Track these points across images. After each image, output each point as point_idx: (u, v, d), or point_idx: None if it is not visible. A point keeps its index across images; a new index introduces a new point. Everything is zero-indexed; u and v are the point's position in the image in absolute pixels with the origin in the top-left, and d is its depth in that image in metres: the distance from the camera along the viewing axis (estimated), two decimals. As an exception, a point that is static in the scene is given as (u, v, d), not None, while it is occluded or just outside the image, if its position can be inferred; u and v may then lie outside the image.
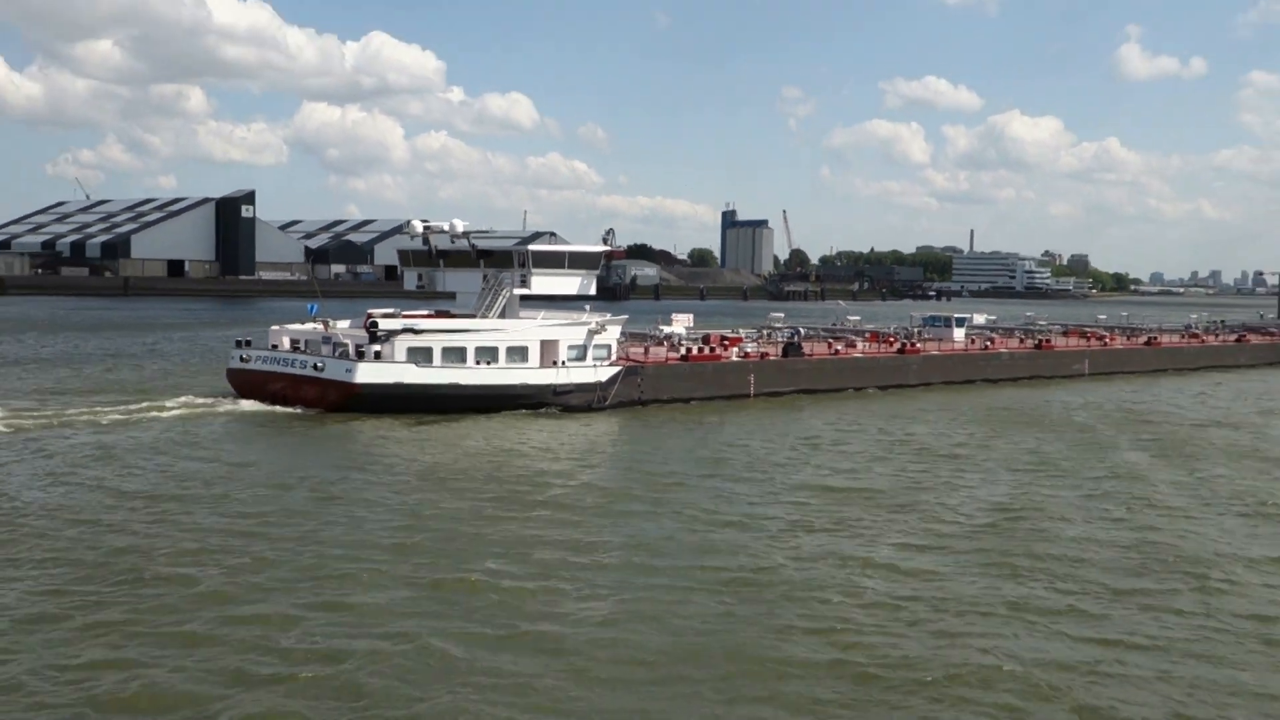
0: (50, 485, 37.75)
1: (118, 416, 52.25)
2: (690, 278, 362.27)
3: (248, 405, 57.20)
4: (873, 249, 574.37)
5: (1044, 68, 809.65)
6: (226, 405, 57.05)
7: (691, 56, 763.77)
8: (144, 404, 56.01)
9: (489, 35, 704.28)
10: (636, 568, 29.35)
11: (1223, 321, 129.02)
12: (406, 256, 71.74)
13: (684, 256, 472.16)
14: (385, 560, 29.45)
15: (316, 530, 32.36)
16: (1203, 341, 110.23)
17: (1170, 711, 21.12)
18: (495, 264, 65.27)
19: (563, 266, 65.67)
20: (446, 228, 66.91)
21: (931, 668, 22.68)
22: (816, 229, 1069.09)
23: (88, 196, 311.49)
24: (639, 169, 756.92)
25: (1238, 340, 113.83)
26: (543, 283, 64.60)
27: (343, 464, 43.36)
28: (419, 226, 68.65)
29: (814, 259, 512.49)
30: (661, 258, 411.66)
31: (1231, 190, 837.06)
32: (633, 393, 63.00)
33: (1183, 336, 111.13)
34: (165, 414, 53.72)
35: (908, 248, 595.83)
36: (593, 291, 67.19)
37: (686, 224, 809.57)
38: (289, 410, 56.12)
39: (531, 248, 65.52)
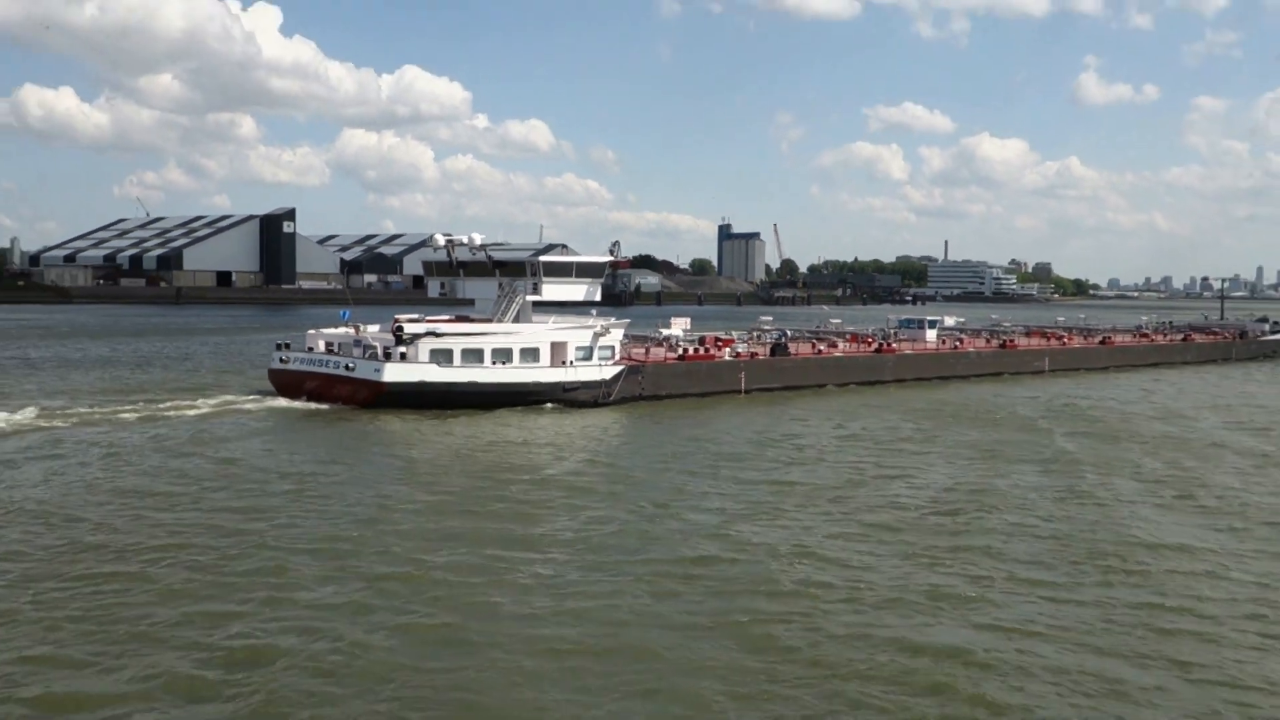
0: (90, 475, 37.91)
1: (158, 412, 52.52)
2: (689, 285, 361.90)
3: (282, 402, 57.36)
4: (856, 258, 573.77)
5: (1011, 94, 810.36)
6: (265, 402, 57.28)
7: (692, 85, 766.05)
8: (191, 400, 56.26)
9: (510, 68, 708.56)
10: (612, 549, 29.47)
11: (1170, 322, 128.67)
12: (430, 267, 71.84)
13: (686, 266, 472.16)
14: (398, 543, 29.63)
15: (334, 507, 32.59)
16: (1152, 340, 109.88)
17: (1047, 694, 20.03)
18: (509, 273, 65.36)
19: (570, 275, 65.72)
20: (466, 241, 67.08)
21: (841, 652, 21.73)
22: (806, 241, 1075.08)
23: (147, 214, 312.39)
24: (645, 187, 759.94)
25: (1184, 339, 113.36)
26: (552, 290, 64.70)
27: (371, 452, 43.60)
28: (441, 240, 68.72)
29: (803, 267, 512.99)
30: (664, 267, 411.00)
31: (1181, 204, 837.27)
32: (634, 389, 63.02)
33: (1134, 336, 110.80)
34: (201, 410, 53.89)
35: (888, 257, 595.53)
36: (598, 298, 67.23)
37: (689, 237, 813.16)
38: (323, 406, 56.28)
39: (542, 258, 65.53)
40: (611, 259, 71.73)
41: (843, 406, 63.33)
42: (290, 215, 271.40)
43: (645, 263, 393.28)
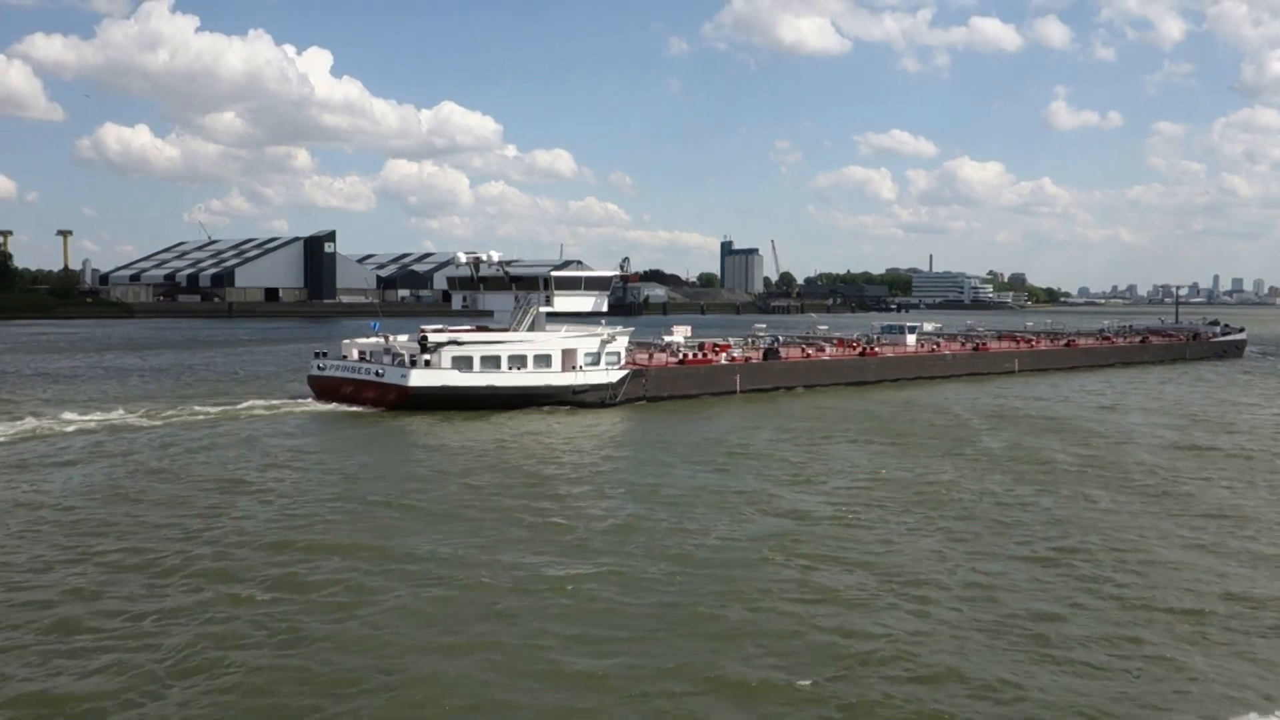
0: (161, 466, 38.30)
1: (207, 415, 52.96)
2: (694, 296, 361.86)
3: (320, 405, 57.74)
4: (848, 271, 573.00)
5: (988, 121, 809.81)
6: (304, 405, 57.66)
7: (700, 116, 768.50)
8: (235, 402, 56.70)
9: (536, 103, 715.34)
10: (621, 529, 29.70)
11: (1130, 326, 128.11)
12: (454, 282, 72.07)
13: (693, 279, 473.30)
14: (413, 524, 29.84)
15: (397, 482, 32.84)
16: (1113, 343, 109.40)
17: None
18: (524, 287, 65.56)
19: (580, 288, 65.90)
20: (485, 258, 67.37)
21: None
22: (804, 255, 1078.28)
23: (209, 238, 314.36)
24: (659, 208, 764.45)
25: (1142, 341, 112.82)
26: (563, 302, 64.87)
27: (404, 447, 43.88)
28: (464, 258, 69.00)
29: (800, 279, 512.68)
30: (671, 280, 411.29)
31: (1143, 219, 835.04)
32: (638, 391, 63.12)
33: (1096, 339, 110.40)
34: (246, 411, 54.33)
35: (878, 269, 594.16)
36: (605, 308, 67.35)
37: (698, 253, 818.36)
38: (356, 409, 56.57)
39: (554, 273, 65.74)
40: (621, 273, 71.89)
41: (819, 406, 63.35)
42: (331, 237, 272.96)
43: (654, 276, 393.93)
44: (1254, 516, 32.65)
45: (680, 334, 77.33)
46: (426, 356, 57.21)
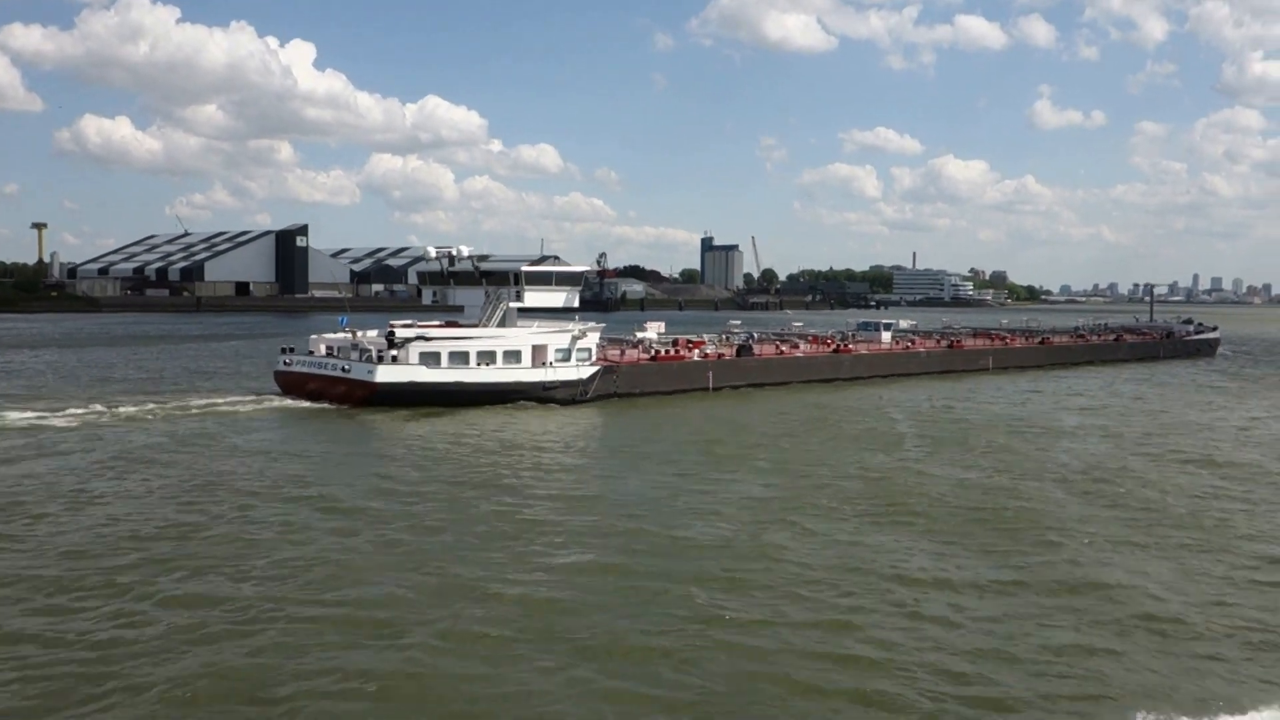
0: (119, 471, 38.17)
1: (172, 410, 52.74)
2: (672, 292, 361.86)
3: (286, 401, 57.58)
4: (831, 267, 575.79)
5: (973, 119, 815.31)
6: (270, 401, 57.51)
7: (685, 112, 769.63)
8: (201, 398, 56.43)
9: (522, 98, 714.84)
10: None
11: (1105, 324, 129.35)
12: (424, 277, 72.03)
13: (676, 275, 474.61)
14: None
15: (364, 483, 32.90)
16: (1087, 340, 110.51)
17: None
18: (494, 282, 65.54)
19: (551, 284, 65.92)
20: (456, 252, 67.36)
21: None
22: (788, 252, 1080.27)
23: (184, 230, 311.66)
24: (645, 204, 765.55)
25: (1115, 340, 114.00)
26: (534, 297, 64.88)
27: (366, 447, 43.90)
28: (434, 252, 69.01)
29: (784, 276, 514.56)
30: (651, 276, 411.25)
31: (1126, 218, 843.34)
32: (610, 387, 63.30)
33: (1071, 337, 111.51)
34: (211, 407, 54.15)
35: (862, 266, 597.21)
36: (576, 304, 67.47)
37: (684, 249, 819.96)
38: (323, 406, 56.38)
39: (524, 268, 65.65)
40: (599, 269, 72.18)
41: (782, 403, 63.82)
42: (303, 231, 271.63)
43: (633, 272, 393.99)
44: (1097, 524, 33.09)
45: (654, 330, 77.63)
46: (394, 352, 57.17)
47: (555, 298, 66.25)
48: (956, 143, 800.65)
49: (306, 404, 56.89)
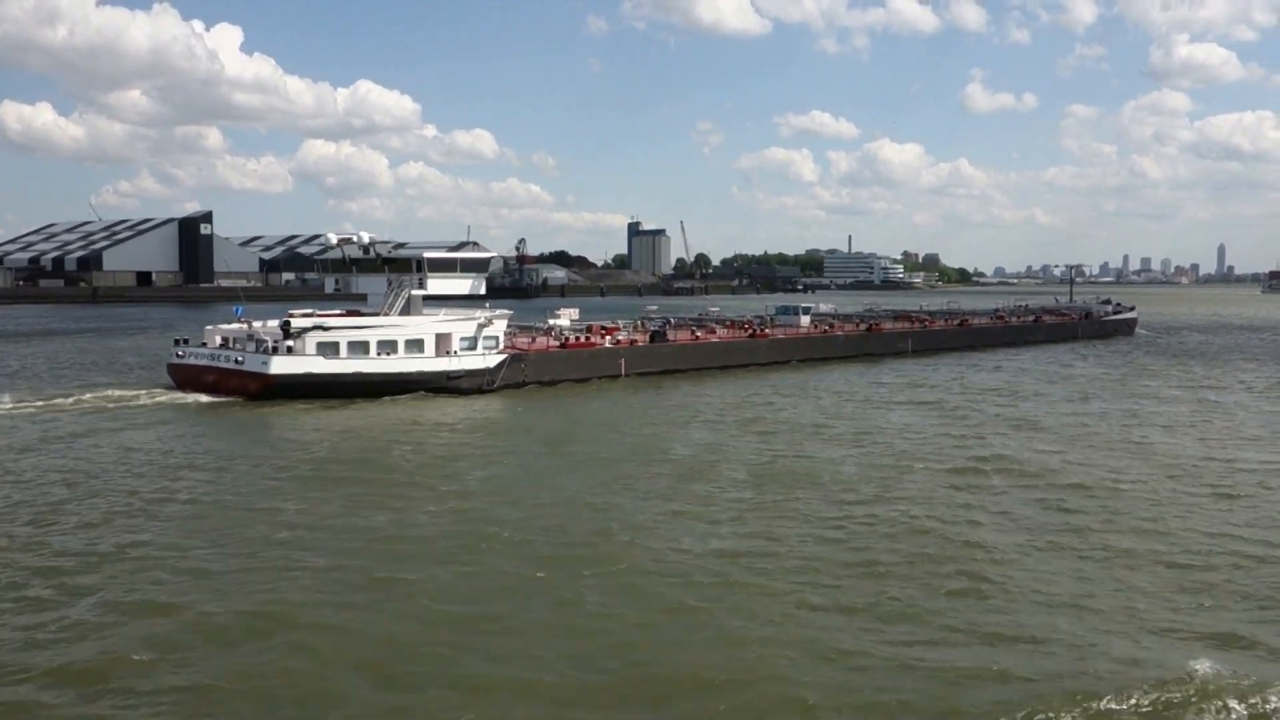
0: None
1: (57, 407, 51.75)
2: (596, 278, 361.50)
3: (179, 395, 56.82)
4: (765, 252, 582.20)
5: (907, 103, 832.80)
6: (162, 396, 56.68)
7: (621, 96, 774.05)
8: (87, 393, 55.40)
9: (456, 82, 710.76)
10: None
11: (1025, 305, 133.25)
12: (326, 265, 71.51)
13: (610, 261, 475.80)
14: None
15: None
16: (1006, 322, 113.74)
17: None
18: (397, 269, 65.35)
19: (455, 271, 65.89)
20: (356, 238, 67.06)
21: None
22: (727, 237, 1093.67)
23: (100, 219, 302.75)
24: (583, 189, 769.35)
25: (1034, 321, 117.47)
26: (438, 284, 64.80)
27: (253, 441, 43.68)
28: (334, 239, 68.69)
29: (717, 261, 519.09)
30: (578, 262, 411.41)
31: (1058, 200, 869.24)
32: (517, 376, 63.60)
33: (991, 319, 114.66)
34: (104, 405, 53.25)
35: (799, 250, 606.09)
36: (483, 291, 67.50)
37: (620, 234, 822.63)
38: (219, 399, 55.72)
39: (426, 254, 65.52)
40: (518, 255, 72.41)
41: (688, 393, 64.87)
42: (207, 218, 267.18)
43: (558, 258, 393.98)
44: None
45: (566, 317, 78.32)
46: (289, 343, 56.79)
47: (461, 285, 66.29)
48: (891, 126, 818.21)
49: (202, 398, 56.19)
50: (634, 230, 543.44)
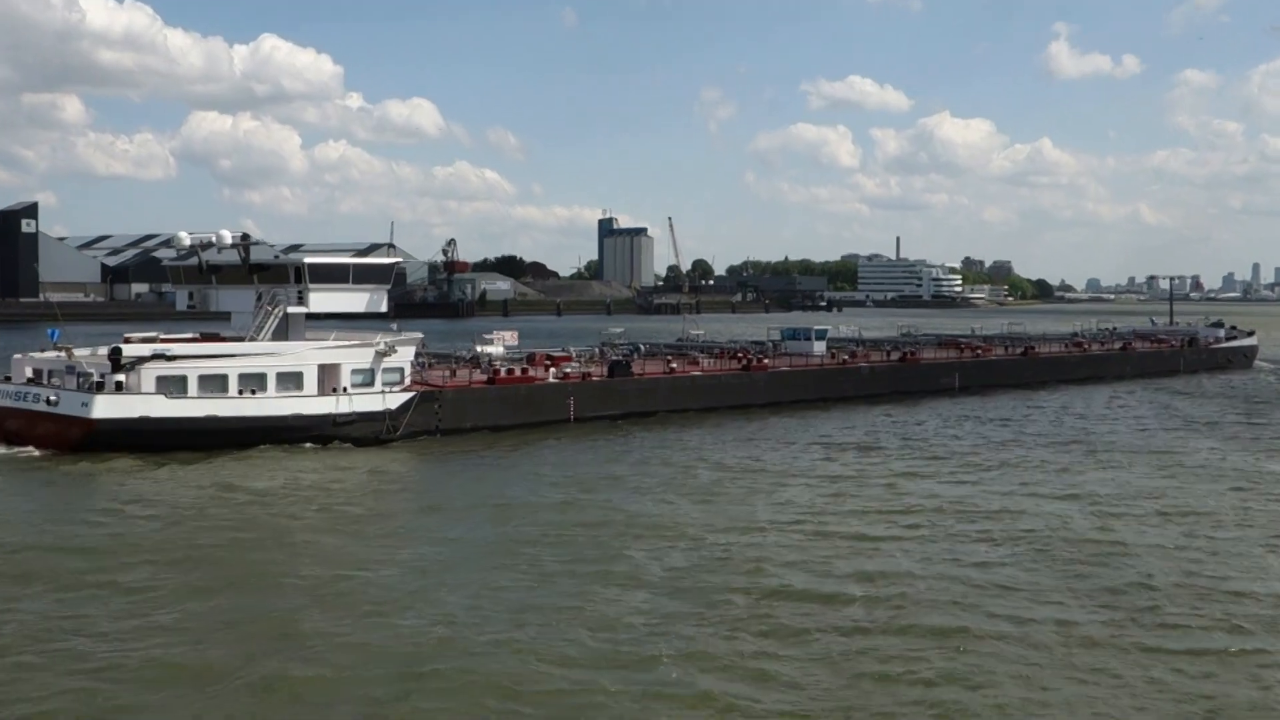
0: None
1: None
2: (550, 291, 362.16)
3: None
4: (787, 258, 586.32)
5: (972, 67, 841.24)
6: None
7: (604, 57, 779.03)
8: None
9: (389, 37, 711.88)
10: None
11: (1113, 329, 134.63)
12: (177, 273, 71.61)
13: (583, 269, 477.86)
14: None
15: None
16: (1085, 351, 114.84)
17: None
18: (270, 280, 65.39)
19: (346, 281, 66.06)
20: (215, 239, 66.99)
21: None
22: (737, 237, 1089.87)
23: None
24: (553, 177, 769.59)
25: (1122, 349, 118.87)
26: (322, 299, 64.83)
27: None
28: (186, 239, 68.52)
29: (724, 269, 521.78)
30: (532, 270, 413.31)
31: (1168, 193, 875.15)
32: (429, 421, 63.68)
33: (1065, 346, 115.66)
34: None
35: (834, 256, 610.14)
36: (383, 308, 67.79)
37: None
38: (26, 452, 55.45)
39: (308, 259, 65.72)
40: (446, 260, 72.93)
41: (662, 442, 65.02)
42: (31, 211, 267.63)
43: (505, 265, 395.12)
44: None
45: (501, 342, 78.34)
46: (119, 377, 56.51)
47: (354, 300, 66.56)
48: (952, 97, 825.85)
49: (3, 450, 55.88)
50: (606, 229, 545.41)
